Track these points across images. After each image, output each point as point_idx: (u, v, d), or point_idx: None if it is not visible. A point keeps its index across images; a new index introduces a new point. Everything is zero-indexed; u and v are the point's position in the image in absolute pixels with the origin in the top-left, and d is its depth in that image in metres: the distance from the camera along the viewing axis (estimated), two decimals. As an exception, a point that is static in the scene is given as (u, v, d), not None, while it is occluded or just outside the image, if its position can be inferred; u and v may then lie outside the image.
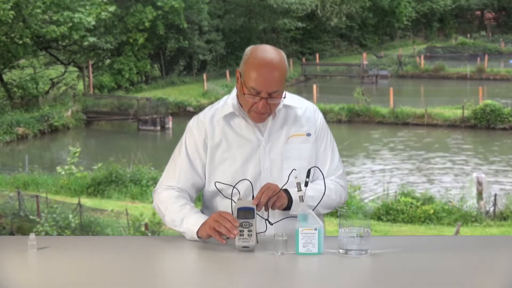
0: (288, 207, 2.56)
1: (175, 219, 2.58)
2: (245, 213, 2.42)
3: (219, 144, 2.66)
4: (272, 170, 2.65)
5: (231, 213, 2.45)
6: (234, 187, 2.54)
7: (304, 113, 2.72)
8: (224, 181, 2.63)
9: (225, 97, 2.75)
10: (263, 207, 2.50)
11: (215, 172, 2.67)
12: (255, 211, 2.44)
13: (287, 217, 2.57)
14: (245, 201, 2.48)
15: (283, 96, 2.60)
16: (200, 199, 2.86)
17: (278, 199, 2.52)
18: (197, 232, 2.49)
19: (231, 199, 2.52)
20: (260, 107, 2.55)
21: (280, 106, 2.65)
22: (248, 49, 2.60)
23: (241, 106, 2.65)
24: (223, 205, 2.64)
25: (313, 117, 2.73)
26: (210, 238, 2.47)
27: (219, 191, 2.63)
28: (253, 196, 2.52)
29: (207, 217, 2.51)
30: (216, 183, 2.65)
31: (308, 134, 2.70)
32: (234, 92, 2.71)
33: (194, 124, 2.71)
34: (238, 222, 2.39)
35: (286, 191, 2.56)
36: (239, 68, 2.61)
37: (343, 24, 44.41)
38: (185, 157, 2.69)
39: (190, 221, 2.53)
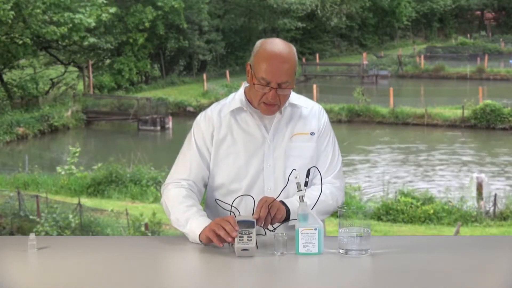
0: (286, 218, 2.58)
1: (180, 219, 2.59)
2: (246, 225, 2.41)
3: (224, 139, 2.69)
4: (275, 167, 2.68)
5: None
6: (231, 205, 2.57)
7: (310, 112, 2.75)
8: (227, 176, 2.68)
9: (232, 94, 2.78)
10: (263, 221, 2.51)
11: (218, 167, 2.70)
12: (255, 224, 2.44)
13: (287, 221, 2.59)
14: (246, 216, 2.50)
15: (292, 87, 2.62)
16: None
17: (278, 211, 2.53)
18: (199, 236, 2.50)
19: (230, 211, 2.54)
20: (270, 98, 2.58)
21: (286, 104, 2.68)
22: (258, 42, 2.65)
23: (249, 102, 2.69)
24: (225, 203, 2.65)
25: (318, 116, 2.75)
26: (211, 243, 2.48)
27: (220, 206, 2.65)
28: (253, 212, 2.54)
29: (211, 221, 2.52)
30: (216, 200, 2.68)
31: (312, 133, 2.72)
32: (242, 88, 2.74)
33: (201, 119, 2.74)
34: (238, 227, 2.39)
35: (282, 202, 2.57)
36: (249, 60, 2.65)
37: (343, 24, 44.39)
38: (195, 150, 2.72)
39: (194, 223, 2.53)
